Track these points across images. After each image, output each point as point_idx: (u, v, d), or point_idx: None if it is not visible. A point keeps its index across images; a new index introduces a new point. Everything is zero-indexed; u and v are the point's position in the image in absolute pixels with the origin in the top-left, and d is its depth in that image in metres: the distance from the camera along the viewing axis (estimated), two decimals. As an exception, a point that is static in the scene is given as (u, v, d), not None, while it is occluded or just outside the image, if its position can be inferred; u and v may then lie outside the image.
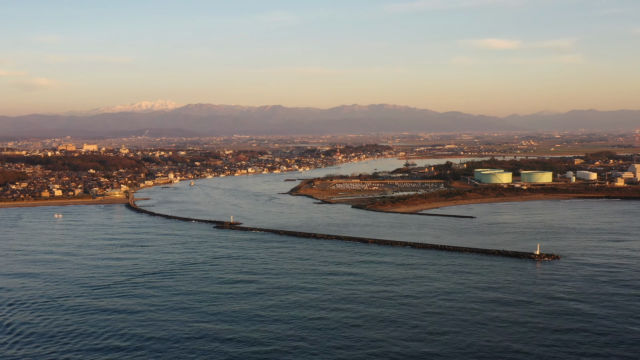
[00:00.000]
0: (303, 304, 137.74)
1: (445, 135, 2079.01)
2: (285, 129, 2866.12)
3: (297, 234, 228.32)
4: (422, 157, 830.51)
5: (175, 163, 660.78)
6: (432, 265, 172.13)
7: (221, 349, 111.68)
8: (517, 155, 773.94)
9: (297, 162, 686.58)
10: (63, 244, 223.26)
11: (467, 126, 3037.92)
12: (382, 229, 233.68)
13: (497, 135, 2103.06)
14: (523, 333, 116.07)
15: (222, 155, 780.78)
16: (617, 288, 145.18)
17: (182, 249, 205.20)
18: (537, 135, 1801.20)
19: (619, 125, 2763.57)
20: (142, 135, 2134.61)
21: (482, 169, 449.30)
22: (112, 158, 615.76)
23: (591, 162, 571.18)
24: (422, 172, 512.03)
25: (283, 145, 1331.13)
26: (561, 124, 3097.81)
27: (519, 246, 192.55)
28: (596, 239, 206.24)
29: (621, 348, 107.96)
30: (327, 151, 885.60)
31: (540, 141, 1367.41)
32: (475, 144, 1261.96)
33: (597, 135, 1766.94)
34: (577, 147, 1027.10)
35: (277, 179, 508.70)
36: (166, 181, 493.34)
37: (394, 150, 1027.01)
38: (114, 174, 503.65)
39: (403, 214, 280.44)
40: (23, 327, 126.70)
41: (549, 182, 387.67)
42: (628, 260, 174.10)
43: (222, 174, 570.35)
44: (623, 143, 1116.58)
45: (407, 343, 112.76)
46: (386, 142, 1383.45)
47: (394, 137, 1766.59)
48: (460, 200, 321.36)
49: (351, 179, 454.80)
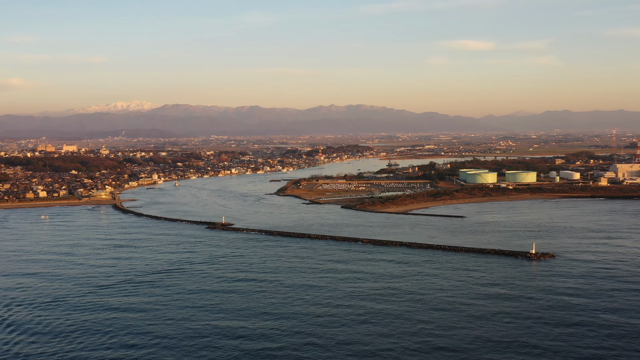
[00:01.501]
0: (308, 301, 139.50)
1: (423, 136, 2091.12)
2: (263, 129, 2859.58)
3: (291, 235, 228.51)
4: (403, 158, 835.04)
5: (157, 164, 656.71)
6: (430, 264, 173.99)
7: (233, 345, 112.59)
8: (497, 156, 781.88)
9: (280, 163, 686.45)
10: (57, 244, 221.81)
11: (444, 126, 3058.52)
12: (375, 229, 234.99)
13: (474, 135, 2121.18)
14: (527, 327, 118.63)
15: (203, 155, 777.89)
16: (615, 284, 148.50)
17: (178, 250, 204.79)
18: (514, 136, 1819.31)
19: (592, 125, 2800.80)
20: (119, 136, 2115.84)
21: (468, 169, 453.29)
22: (93, 159, 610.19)
23: (572, 162, 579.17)
24: (407, 172, 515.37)
25: (262, 146, 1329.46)
26: (536, 124, 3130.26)
27: (513, 245, 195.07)
28: (588, 237, 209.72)
29: (624, 340, 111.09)
30: (309, 152, 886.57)
31: (517, 141, 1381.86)
32: (454, 145, 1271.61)
33: (572, 135, 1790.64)
34: (555, 148, 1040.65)
35: (261, 180, 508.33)
36: (150, 182, 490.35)
37: (374, 150, 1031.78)
38: (97, 174, 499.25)
39: (393, 214, 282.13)
40: (31, 325, 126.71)
41: (533, 182, 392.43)
42: (622, 256, 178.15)
43: (205, 175, 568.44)
44: (599, 143, 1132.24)
45: (415, 338, 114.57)
46: (365, 142, 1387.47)
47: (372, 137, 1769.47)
48: (448, 200, 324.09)
49: (337, 180, 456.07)
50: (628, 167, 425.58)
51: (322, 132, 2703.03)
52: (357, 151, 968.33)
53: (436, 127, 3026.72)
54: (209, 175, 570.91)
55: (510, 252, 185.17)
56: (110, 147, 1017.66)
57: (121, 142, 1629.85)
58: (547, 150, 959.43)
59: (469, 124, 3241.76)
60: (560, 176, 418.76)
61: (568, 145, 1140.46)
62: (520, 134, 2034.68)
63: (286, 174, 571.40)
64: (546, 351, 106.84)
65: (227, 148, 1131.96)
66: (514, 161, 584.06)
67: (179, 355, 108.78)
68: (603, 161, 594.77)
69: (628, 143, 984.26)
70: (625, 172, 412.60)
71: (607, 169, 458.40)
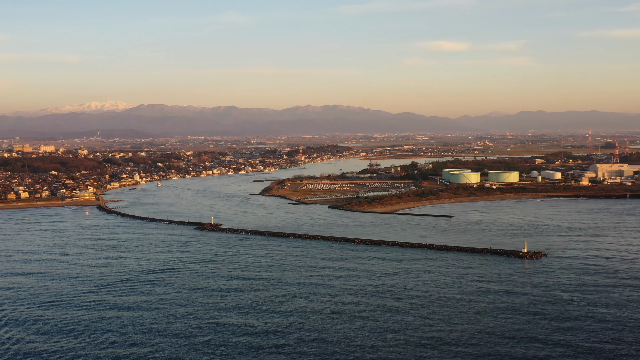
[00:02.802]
0: (307, 298, 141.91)
1: (401, 136, 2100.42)
2: (239, 129, 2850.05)
3: (282, 235, 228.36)
4: (383, 158, 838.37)
5: (137, 164, 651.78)
6: (425, 263, 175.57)
7: (238, 342, 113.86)
8: (477, 156, 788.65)
9: (261, 163, 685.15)
10: (47, 245, 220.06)
11: (420, 127, 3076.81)
12: (366, 229, 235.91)
13: (450, 136, 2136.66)
14: (526, 322, 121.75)
15: (183, 156, 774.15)
16: (608, 280, 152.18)
17: (170, 250, 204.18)
18: (490, 136, 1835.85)
19: (566, 126, 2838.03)
20: (94, 137, 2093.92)
21: (451, 169, 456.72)
22: (72, 159, 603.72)
23: (551, 162, 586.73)
24: (389, 172, 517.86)
25: (241, 146, 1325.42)
26: (511, 124, 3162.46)
27: (504, 244, 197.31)
28: (576, 236, 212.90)
29: (622, 332, 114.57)
30: (289, 152, 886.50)
31: (494, 142, 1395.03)
32: (432, 145, 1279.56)
33: (548, 135, 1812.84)
34: (532, 148, 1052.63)
35: (244, 180, 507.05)
36: (132, 182, 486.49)
37: (354, 150, 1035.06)
38: (77, 175, 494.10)
39: (381, 213, 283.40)
40: (31, 324, 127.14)
41: (516, 181, 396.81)
42: (612, 253, 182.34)
43: (187, 175, 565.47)
44: (574, 143, 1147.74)
45: (419, 332, 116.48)
46: (343, 142, 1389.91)
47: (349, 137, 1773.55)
48: (434, 200, 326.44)
49: (321, 180, 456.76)
50: (608, 166, 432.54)
51: (299, 132, 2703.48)
52: (337, 151, 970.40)
53: (412, 127, 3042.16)
54: (191, 175, 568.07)
55: (503, 251, 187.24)
56: (87, 148, 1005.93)
57: (97, 143, 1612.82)
58: (524, 150, 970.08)
59: (445, 125, 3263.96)
60: (542, 176, 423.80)
61: (544, 145, 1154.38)
62: (496, 134, 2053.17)
63: (268, 174, 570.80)
64: (546, 344, 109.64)
65: (206, 148, 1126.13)
66: (494, 161, 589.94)
67: (184, 351, 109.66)
68: (582, 161, 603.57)
69: (603, 143, 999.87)
70: (605, 171, 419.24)
71: (587, 168, 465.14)
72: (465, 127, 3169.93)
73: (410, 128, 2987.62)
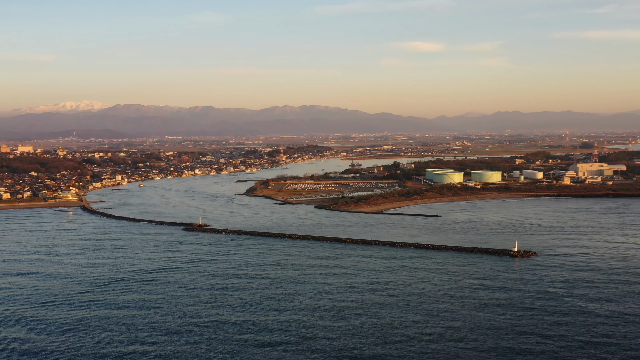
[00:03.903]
0: (304, 295, 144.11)
1: (379, 136, 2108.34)
2: (217, 130, 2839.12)
3: (271, 235, 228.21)
4: (364, 158, 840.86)
5: (117, 164, 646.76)
6: (418, 262, 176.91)
7: (239, 338, 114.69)
8: (456, 156, 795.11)
9: (243, 163, 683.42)
10: (36, 245, 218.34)
11: (398, 127, 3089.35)
12: (355, 229, 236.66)
13: (428, 136, 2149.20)
14: (520, 316, 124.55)
15: (163, 156, 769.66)
16: (599, 276, 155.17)
17: (161, 250, 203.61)
18: (468, 136, 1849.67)
19: (542, 126, 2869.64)
20: (70, 137, 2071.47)
21: (434, 169, 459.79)
22: (52, 160, 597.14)
23: (532, 162, 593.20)
24: (372, 172, 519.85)
25: (220, 146, 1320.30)
26: (488, 125, 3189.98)
27: (494, 244, 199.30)
28: (564, 234, 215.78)
29: (617, 327, 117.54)
30: (270, 152, 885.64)
31: (473, 142, 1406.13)
32: (411, 145, 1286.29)
33: (524, 136, 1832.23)
34: (510, 148, 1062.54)
35: (227, 180, 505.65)
36: (114, 183, 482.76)
37: (335, 151, 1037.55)
38: (58, 176, 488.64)
39: (368, 213, 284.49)
40: (30, 323, 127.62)
41: (499, 181, 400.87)
42: (601, 251, 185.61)
43: (169, 176, 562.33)
44: (551, 143, 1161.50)
45: (418, 327, 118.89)
46: (322, 142, 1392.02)
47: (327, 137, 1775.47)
48: (419, 200, 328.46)
49: (305, 180, 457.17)
50: (588, 166, 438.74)
51: (277, 132, 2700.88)
52: (318, 151, 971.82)
53: (390, 127, 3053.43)
54: (173, 175, 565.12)
55: (494, 250, 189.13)
56: (64, 148, 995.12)
57: (73, 143, 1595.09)
58: (503, 150, 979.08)
59: (422, 125, 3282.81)
60: (524, 176, 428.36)
61: (522, 145, 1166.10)
62: (473, 135, 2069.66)
63: (251, 175, 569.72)
64: (544, 338, 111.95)
65: (185, 149, 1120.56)
66: (475, 161, 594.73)
67: (185, 349, 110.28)
68: (561, 161, 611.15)
69: (580, 143, 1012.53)
70: (586, 171, 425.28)
71: (567, 168, 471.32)
72: (443, 127, 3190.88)
73: (388, 128, 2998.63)
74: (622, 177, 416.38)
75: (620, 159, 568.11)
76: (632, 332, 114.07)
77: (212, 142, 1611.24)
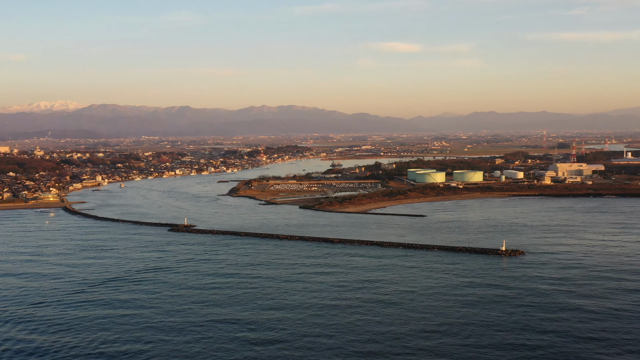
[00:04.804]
0: (298, 293, 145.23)
1: (357, 137, 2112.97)
2: (194, 130, 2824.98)
3: (259, 235, 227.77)
4: (344, 158, 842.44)
5: (95, 165, 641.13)
6: (408, 260, 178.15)
7: (239, 336, 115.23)
8: (436, 156, 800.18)
9: (223, 164, 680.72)
10: (22, 246, 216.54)
11: (375, 127, 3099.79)
12: (343, 229, 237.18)
13: (406, 136, 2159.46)
14: (512, 313, 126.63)
15: (142, 156, 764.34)
16: (588, 273, 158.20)
17: (150, 250, 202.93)
18: (445, 137, 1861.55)
19: (518, 126, 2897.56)
20: (45, 137, 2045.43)
21: (416, 169, 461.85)
22: (29, 160, 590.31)
23: (511, 162, 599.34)
24: (354, 172, 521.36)
25: (198, 146, 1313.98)
26: (464, 125, 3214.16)
27: (481, 243, 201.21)
28: (549, 233, 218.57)
29: (608, 322, 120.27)
30: (250, 152, 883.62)
31: (450, 142, 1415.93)
32: (390, 145, 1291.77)
33: (501, 136, 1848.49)
34: (488, 148, 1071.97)
35: (209, 181, 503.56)
36: (94, 184, 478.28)
37: (314, 151, 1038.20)
38: (37, 176, 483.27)
39: (354, 213, 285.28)
40: (25, 322, 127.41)
41: (480, 181, 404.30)
42: (587, 249, 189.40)
43: (150, 176, 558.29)
44: (528, 143, 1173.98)
45: (415, 323, 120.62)
46: (301, 143, 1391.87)
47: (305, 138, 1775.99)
48: (403, 200, 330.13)
49: (287, 180, 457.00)
50: (567, 166, 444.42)
51: (254, 132, 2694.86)
52: (297, 151, 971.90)
53: (367, 127, 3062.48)
54: (153, 176, 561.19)
55: (482, 249, 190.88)
56: (41, 148, 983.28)
57: (49, 143, 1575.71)
58: (481, 150, 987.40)
59: (399, 125, 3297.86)
60: (505, 175, 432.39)
61: (499, 145, 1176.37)
62: (450, 135, 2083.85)
63: (232, 175, 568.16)
64: (535, 333, 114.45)
65: (163, 149, 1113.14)
66: (455, 161, 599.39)
67: (180, 347, 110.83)
68: (540, 161, 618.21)
69: (556, 143, 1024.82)
70: (565, 171, 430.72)
71: (547, 168, 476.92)
72: (420, 127, 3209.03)
73: (366, 128, 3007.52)
74: (601, 177, 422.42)
75: (597, 159, 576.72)
76: (624, 327, 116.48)
77: (190, 143, 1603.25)
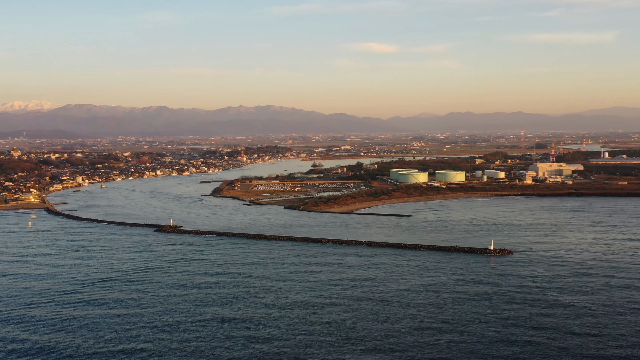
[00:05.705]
0: (292, 291, 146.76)
1: (335, 137, 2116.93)
2: (172, 130, 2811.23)
3: (246, 236, 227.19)
4: (324, 158, 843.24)
5: (74, 166, 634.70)
6: (398, 259, 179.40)
7: (235, 335, 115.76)
8: (416, 156, 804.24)
9: (204, 164, 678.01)
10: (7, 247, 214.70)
11: (353, 127, 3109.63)
12: (330, 229, 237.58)
13: (384, 136, 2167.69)
14: (504, 309, 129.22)
15: (121, 157, 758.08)
16: (575, 271, 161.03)
17: (137, 251, 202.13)
18: (423, 137, 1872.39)
19: (494, 127, 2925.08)
20: (20, 137, 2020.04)
21: (399, 169, 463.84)
22: (7, 161, 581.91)
23: (491, 162, 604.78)
24: (336, 172, 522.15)
25: (177, 147, 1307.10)
26: (441, 125, 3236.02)
27: (469, 242, 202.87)
28: (535, 232, 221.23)
29: (598, 318, 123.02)
30: (230, 152, 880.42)
31: (429, 142, 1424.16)
32: (369, 145, 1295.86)
33: (478, 136, 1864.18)
34: (466, 148, 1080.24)
35: (191, 181, 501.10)
36: (75, 184, 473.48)
37: (294, 151, 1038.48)
38: (15, 177, 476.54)
39: (339, 213, 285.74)
40: (20, 321, 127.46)
41: (463, 181, 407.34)
42: (573, 247, 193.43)
43: (130, 177, 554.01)
44: (506, 144, 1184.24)
45: (411, 320, 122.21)
46: (280, 143, 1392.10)
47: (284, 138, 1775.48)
48: (387, 200, 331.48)
49: (270, 180, 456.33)
50: (547, 166, 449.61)
51: (232, 132, 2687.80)
52: (278, 152, 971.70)
53: (346, 128, 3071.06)
54: (134, 177, 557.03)
55: (470, 249, 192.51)
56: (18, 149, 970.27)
57: (24, 144, 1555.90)
58: (460, 150, 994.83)
59: (377, 125, 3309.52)
60: (487, 175, 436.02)
61: (477, 145, 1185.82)
62: (428, 135, 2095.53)
63: (214, 175, 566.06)
64: (529, 328, 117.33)
65: (141, 149, 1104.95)
66: (435, 161, 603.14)
67: (176, 345, 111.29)
68: (519, 160, 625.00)
69: (534, 143, 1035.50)
70: (546, 171, 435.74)
71: (527, 168, 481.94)
72: (397, 127, 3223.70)
73: (344, 129, 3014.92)
74: (581, 177, 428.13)
75: (576, 159, 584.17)
76: (615, 324, 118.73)
77: (168, 143, 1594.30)
